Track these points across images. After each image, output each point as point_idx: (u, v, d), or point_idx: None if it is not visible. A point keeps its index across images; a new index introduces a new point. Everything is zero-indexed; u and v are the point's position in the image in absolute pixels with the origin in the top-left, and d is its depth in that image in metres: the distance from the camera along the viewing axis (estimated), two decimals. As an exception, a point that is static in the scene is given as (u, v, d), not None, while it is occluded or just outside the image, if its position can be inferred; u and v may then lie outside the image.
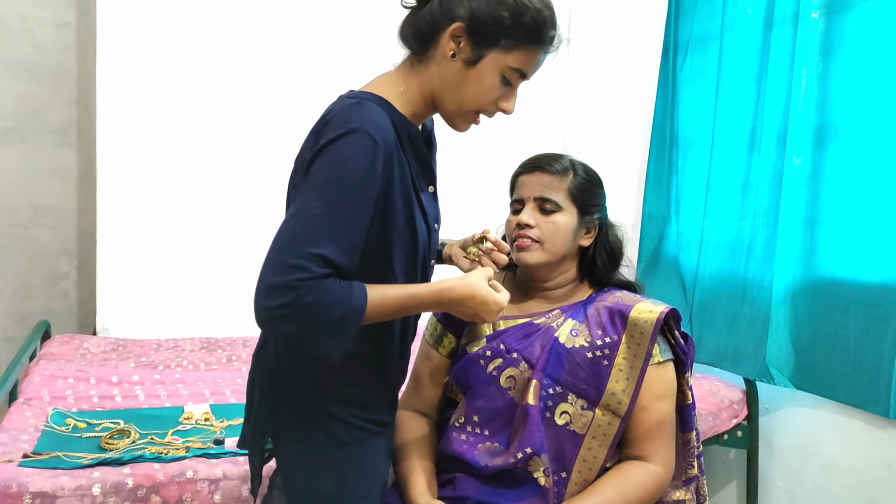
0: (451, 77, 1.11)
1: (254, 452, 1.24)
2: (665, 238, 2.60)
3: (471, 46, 1.08)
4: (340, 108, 1.07)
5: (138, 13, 2.57)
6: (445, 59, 1.10)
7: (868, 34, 1.94)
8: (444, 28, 1.08)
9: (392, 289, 1.08)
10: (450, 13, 1.08)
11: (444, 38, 1.09)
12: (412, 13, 1.14)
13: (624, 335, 1.35)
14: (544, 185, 1.41)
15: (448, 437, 1.39)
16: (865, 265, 1.93)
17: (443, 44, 1.09)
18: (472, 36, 1.08)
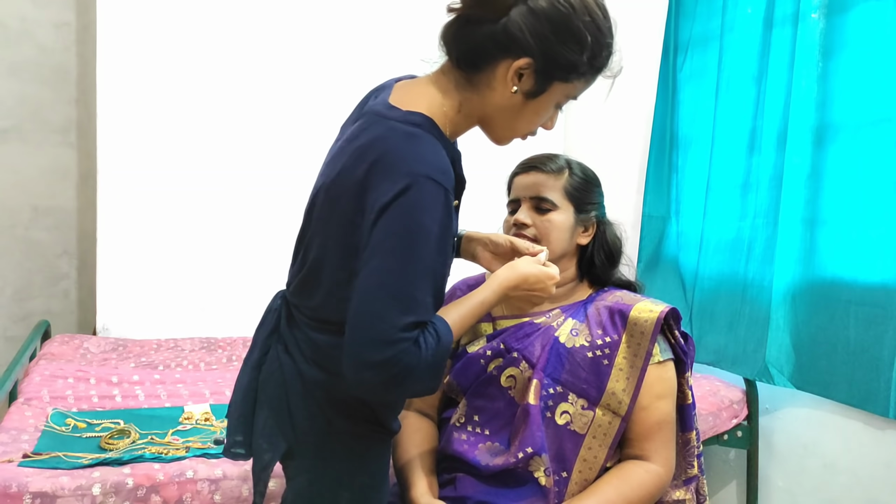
0: (506, 106, 1.05)
1: (260, 466, 1.18)
2: (665, 238, 2.60)
3: (534, 80, 1.02)
4: (396, 141, 0.99)
5: (138, 13, 2.57)
6: (502, 88, 1.03)
7: (868, 34, 1.94)
8: (508, 59, 1.00)
9: (461, 306, 1.10)
10: (518, 46, 0.99)
11: (504, 68, 1.01)
12: (465, 25, 1.01)
13: (624, 335, 1.35)
14: (539, 185, 1.42)
15: (449, 437, 1.39)
16: (865, 265, 1.93)
17: (501, 74, 1.02)
18: (538, 72, 1.01)
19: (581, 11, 1.01)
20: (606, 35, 1.05)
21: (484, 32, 1.00)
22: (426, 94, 1.06)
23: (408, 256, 0.96)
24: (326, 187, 1.06)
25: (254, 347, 1.20)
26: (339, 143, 1.10)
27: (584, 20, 1.01)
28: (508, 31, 0.99)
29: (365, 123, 1.05)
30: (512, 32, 0.98)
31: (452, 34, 1.03)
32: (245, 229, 2.70)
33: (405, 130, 1.00)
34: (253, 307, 1.50)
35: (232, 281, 2.67)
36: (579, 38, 1.01)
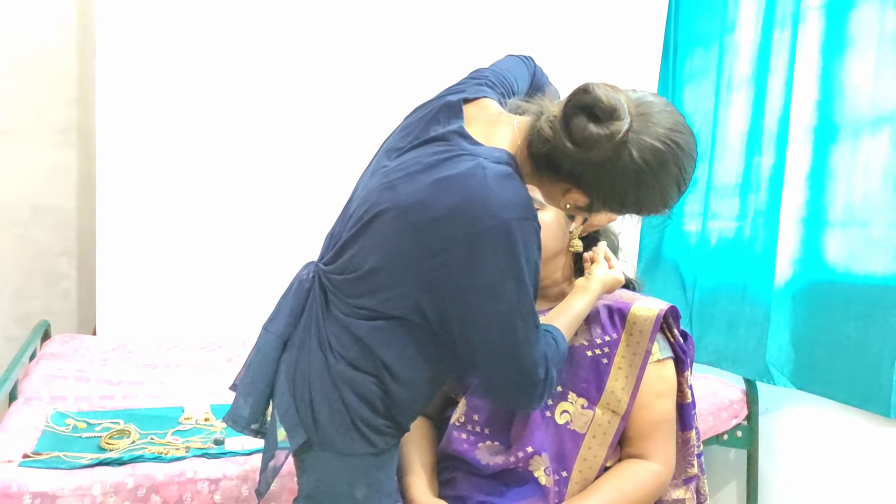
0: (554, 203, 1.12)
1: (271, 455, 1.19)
2: (665, 238, 2.60)
3: (584, 206, 1.08)
4: (483, 179, 1.01)
5: (138, 13, 2.56)
6: (557, 194, 1.08)
7: (868, 34, 1.94)
8: (572, 185, 1.05)
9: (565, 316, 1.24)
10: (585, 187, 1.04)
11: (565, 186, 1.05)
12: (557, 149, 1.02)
13: (623, 333, 1.35)
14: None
15: (448, 437, 1.39)
16: (866, 265, 1.93)
17: (561, 187, 1.06)
18: (590, 206, 1.08)
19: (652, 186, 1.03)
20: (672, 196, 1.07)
21: (564, 164, 1.02)
22: (506, 137, 1.09)
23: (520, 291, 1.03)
24: (403, 209, 1.06)
25: (278, 315, 1.19)
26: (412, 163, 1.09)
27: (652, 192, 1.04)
28: (582, 175, 1.02)
29: (448, 152, 1.06)
30: (584, 178, 1.03)
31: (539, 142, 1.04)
32: (245, 229, 2.69)
33: (495, 171, 1.02)
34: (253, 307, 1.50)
35: (232, 281, 2.67)
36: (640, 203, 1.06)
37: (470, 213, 1.00)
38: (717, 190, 2.38)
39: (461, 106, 1.12)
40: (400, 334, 1.10)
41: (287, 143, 2.72)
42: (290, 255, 2.73)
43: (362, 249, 1.11)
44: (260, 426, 1.22)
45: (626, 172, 1.00)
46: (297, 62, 2.74)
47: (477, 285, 1.02)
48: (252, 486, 1.49)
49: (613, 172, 1.00)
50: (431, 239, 1.03)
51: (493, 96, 1.18)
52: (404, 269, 1.06)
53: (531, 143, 1.06)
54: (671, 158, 1.01)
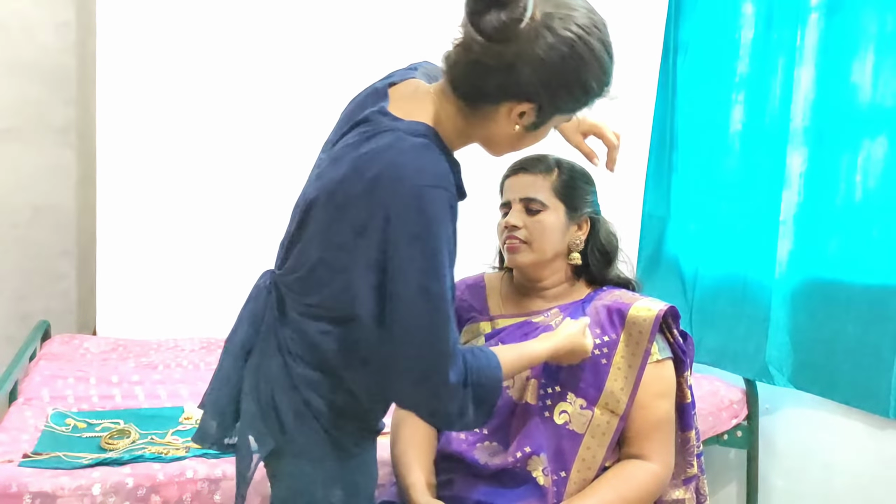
0: (508, 137, 1.07)
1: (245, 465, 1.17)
2: (665, 238, 2.60)
3: (535, 117, 1.04)
4: (404, 151, 1.00)
5: (138, 13, 2.56)
6: (504, 123, 1.04)
7: (868, 34, 1.94)
8: (512, 102, 1.01)
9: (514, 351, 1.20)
10: (524, 92, 1.00)
11: (506, 107, 1.02)
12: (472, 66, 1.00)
13: (622, 334, 1.35)
14: (528, 186, 1.42)
15: (447, 437, 1.39)
16: (865, 265, 1.93)
17: (504, 112, 1.02)
18: (540, 111, 1.03)
19: (589, 61, 1.01)
20: (610, 75, 1.07)
21: (493, 77, 0.99)
22: (428, 109, 1.07)
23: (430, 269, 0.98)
24: (330, 192, 1.06)
25: (238, 327, 1.18)
26: (339, 148, 1.09)
27: (592, 71, 1.02)
28: (516, 81, 0.98)
29: (369, 131, 1.05)
30: (519, 82, 0.98)
31: (459, 71, 1.02)
32: (245, 229, 2.69)
33: (412, 142, 1.01)
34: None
35: (232, 281, 2.66)
36: (586, 86, 1.03)
37: (386, 183, 0.98)
38: (717, 190, 2.38)
39: (386, 90, 1.11)
40: (348, 333, 1.07)
41: (287, 143, 2.72)
42: (290, 255, 2.74)
43: (305, 244, 1.09)
44: (230, 440, 1.19)
45: (556, 51, 0.97)
46: (297, 62, 2.74)
47: (393, 255, 0.98)
48: (253, 485, 1.49)
49: (544, 58, 0.97)
50: (356, 217, 1.01)
51: (421, 77, 1.15)
52: (341, 255, 1.04)
53: (453, 82, 1.04)
54: (594, 29, 1.01)
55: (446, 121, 1.07)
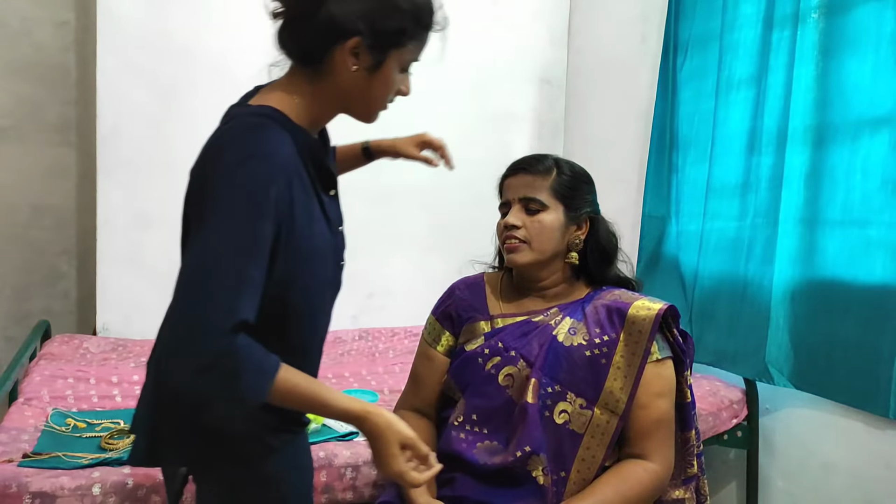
0: (356, 86, 1.07)
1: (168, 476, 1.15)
2: (665, 238, 2.60)
3: (370, 56, 1.05)
4: (241, 127, 1.02)
5: (138, 13, 2.56)
6: (345, 72, 1.05)
7: (868, 34, 1.94)
8: (339, 44, 1.03)
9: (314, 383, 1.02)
10: (343, 29, 1.02)
11: (340, 53, 1.04)
12: (291, 26, 1.06)
13: (622, 333, 1.35)
14: (527, 186, 1.42)
15: (447, 436, 1.39)
16: (865, 265, 1.93)
17: (339, 59, 1.04)
18: (370, 47, 1.04)
19: None
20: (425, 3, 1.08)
21: (309, 28, 1.03)
22: (277, 92, 1.09)
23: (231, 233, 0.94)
24: (188, 184, 1.07)
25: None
26: None
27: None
28: (329, 20, 1.01)
29: (222, 124, 1.09)
30: (332, 20, 1.01)
31: (284, 38, 1.07)
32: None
33: (248, 121, 1.03)
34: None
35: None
36: (396, 4, 1.04)
37: (208, 159, 1.01)
38: (717, 190, 2.38)
39: (257, 89, 1.14)
40: None
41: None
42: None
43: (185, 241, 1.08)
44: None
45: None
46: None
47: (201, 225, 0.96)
48: (252, 486, 1.49)
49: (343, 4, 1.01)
50: (193, 190, 1.02)
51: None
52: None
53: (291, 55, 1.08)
54: None
55: (299, 98, 1.08)
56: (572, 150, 3.16)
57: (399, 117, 1.31)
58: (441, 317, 1.53)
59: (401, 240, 2.95)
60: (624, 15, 2.89)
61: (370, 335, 2.79)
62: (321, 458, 1.58)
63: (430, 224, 3.00)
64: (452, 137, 3.27)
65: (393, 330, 2.85)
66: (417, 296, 2.91)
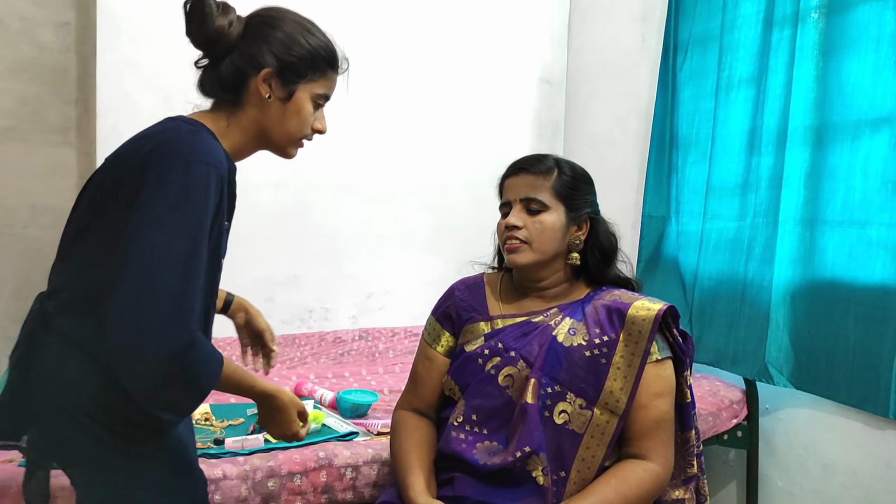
0: (272, 116, 1.19)
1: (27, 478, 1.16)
2: (665, 238, 2.60)
3: (282, 86, 1.18)
4: (176, 131, 1.09)
5: (138, 13, 2.56)
6: (262, 102, 1.18)
7: (868, 34, 1.94)
8: (253, 75, 1.17)
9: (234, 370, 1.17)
10: (254, 61, 1.16)
11: (254, 83, 1.17)
12: (212, 69, 1.20)
13: (622, 333, 1.35)
14: (529, 186, 1.42)
15: (447, 437, 1.39)
16: (865, 265, 1.93)
17: (254, 89, 1.17)
18: (280, 77, 1.17)
19: (283, 18, 1.20)
20: (316, 33, 1.23)
21: (226, 66, 1.18)
22: (206, 118, 1.21)
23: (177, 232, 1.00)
24: (107, 167, 1.11)
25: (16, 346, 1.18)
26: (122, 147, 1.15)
27: (290, 23, 1.20)
28: (243, 56, 1.17)
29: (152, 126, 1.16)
30: (246, 55, 1.17)
31: (206, 80, 1.21)
32: (244, 228, 2.69)
33: (188, 127, 1.12)
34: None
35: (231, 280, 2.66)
36: (293, 38, 1.19)
37: (160, 156, 1.04)
38: (717, 190, 2.38)
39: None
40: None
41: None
42: (287, 254, 2.74)
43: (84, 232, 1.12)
44: None
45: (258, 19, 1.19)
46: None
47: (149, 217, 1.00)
48: (252, 485, 1.49)
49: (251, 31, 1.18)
50: (129, 186, 1.04)
51: None
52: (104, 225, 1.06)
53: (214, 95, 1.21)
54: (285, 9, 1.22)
55: (224, 125, 1.20)
56: (572, 150, 3.16)
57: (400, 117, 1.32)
58: (441, 317, 1.53)
59: (401, 240, 2.95)
60: (624, 15, 2.89)
61: (370, 335, 2.80)
62: (321, 458, 1.58)
63: (430, 224, 3.00)
64: (452, 137, 3.28)
65: (393, 330, 2.85)
66: (417, 296, 2.92)
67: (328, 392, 2.04)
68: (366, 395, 1.98)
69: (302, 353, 2.60)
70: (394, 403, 1.57)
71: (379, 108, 2.83)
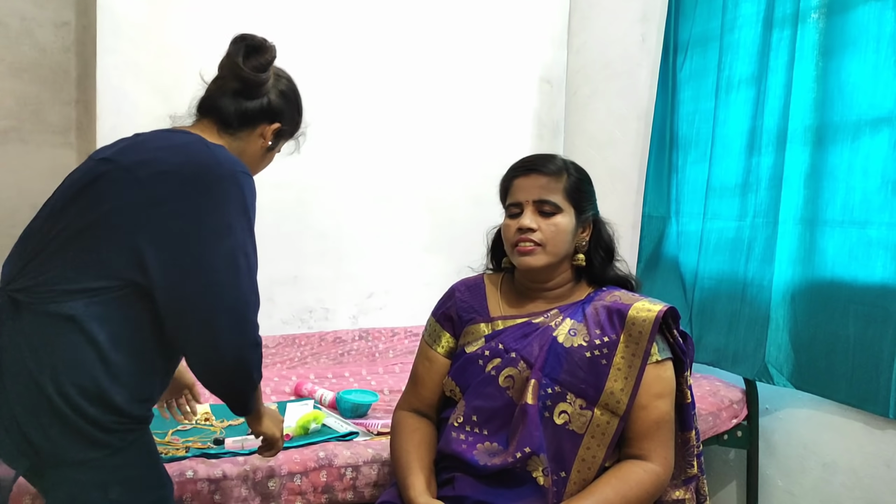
0: (255, 154, 1.35)
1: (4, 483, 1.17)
2: (665, 238, 2.60)
3: (276, 139, 1.37)
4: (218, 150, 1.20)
5: (138, 13, 2.56)
6: (254, 141, 1.33)
7: (868, 34, 1.94)
8: (267, 123, 1.33)
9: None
10: (274, 114, 1.33)
11: (262, 128, 1.33)
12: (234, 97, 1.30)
13: (622, 334, 1.35)
14: (542, 188, 1.41)
15: (447, 437, 1.39)
16: (865, 265, 1.93)
17: (259, 132, 1.33)
18: (281, 134, 1.37)
19: (298, 97, 1.40)
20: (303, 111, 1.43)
21: (254, 105, 1.31)
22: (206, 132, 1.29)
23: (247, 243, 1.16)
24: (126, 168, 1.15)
25: None
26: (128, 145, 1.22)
27: (300, 104, 1.41)
28: (270, 105, 1.32)
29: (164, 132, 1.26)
30: (272, 105, 1.33)
31: (225, 103, 1.30)
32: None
33: (217, 146, 1.22)
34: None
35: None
36: (300, 110, 1.41)
37: (200, 166, 1.14)
38: (717, 190, 2.38)
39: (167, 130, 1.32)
40: (117, 307, 1.11)
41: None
42: (287, 254, 2.74)
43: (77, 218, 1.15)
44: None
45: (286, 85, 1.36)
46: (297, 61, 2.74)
47: (208, 224, 1.12)
48: (252, 485, 1.49)
49: (282, 89, 1.34)
50: (157, 189, 1.12)
51: None
52: (123, 221, 1.11)
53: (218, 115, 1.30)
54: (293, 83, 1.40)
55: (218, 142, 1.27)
56: (572, 150, 3.16)
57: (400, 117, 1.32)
58: (441, 318, 1.53)
59: (401, 240, 2.95)
60: (624, 15, 2.89)
61: (370, 335, 2.80)
62: (321, 458, 1.58)
63: (431, 224, 3.00)
64: (453, 137, 3.28)
65: (393, 330, 2.86)
66: (417, 296, 2.92)
67: (328, 392, 2.05)
68: (366, 395, 1.98)
69: (302, 353, 2.61)
70: (394, 403, 1.58)
71: (379, 108, 2.83)
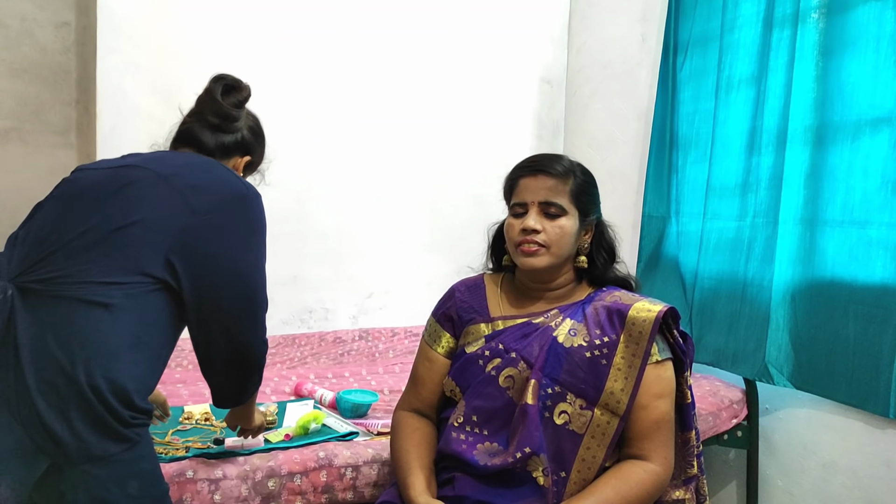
0: None
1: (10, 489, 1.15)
2: (665, 238, 2.60)
3: (244, 170, 1.50)
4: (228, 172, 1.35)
5: (138, 13, 2.57)
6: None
7: (868, 34, 1.94)
8: (240, 156, 1.48)
9: None
10: (247, 149, 1.48)
11: (235, 160, 1.47)
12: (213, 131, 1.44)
13: (622, 334, 1.35)
14: (548, 189, 1.41)
15: (447, 437, 1.40)
16: (865, 265, 1.93)
17: (232, 164, 1.47)
18: (249, 165, 1.51)
19: (262, 129, 1.54)
20: None
21: (230, 139, 1.45)
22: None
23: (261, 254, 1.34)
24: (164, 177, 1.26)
25: None
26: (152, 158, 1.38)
27: (264, 134, 1.55)
28: (244, 140, 1.48)
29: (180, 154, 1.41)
30: (246, 141, 1.48)
31: (202, 135, 1.44)
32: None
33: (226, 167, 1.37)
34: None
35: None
36: (264, 144, 1.55)
37: (230, 184, 1.30)
38: (717, 190, 2.38)
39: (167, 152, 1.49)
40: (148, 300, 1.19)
41: (287, 142, 2.72)
42: (287, 254, 2.74)
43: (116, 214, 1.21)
44: None
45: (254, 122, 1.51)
46: (297, 62, 2.74)
47: (239, 236, 1.28)
48: (252, 485, 1.50)
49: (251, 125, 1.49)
50: (193, 200, 1.24)
51: None
52: (160, 224, 1.21)
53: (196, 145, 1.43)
54: None
55: None
56: (572, 150, 3.16)
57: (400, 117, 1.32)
58: (441, 318, 1.53)
59: (401, 240, 2.96)
60: (624, 15, 2.89)
61: (370, 335, 2.80)
62: (321, 458, 1.58)
63: (431, 224, 3.00)
64: (453, 137, 3.28)
65: (393, 330, 2.86)
66: (417, 296, 2.92)
67: (328, 392, 2.05)
68: (366, 395, 1.98)
69: (302, 353, 2.61)
70: (394, 403, 1.58)
71: (379, 109, 2.83)
